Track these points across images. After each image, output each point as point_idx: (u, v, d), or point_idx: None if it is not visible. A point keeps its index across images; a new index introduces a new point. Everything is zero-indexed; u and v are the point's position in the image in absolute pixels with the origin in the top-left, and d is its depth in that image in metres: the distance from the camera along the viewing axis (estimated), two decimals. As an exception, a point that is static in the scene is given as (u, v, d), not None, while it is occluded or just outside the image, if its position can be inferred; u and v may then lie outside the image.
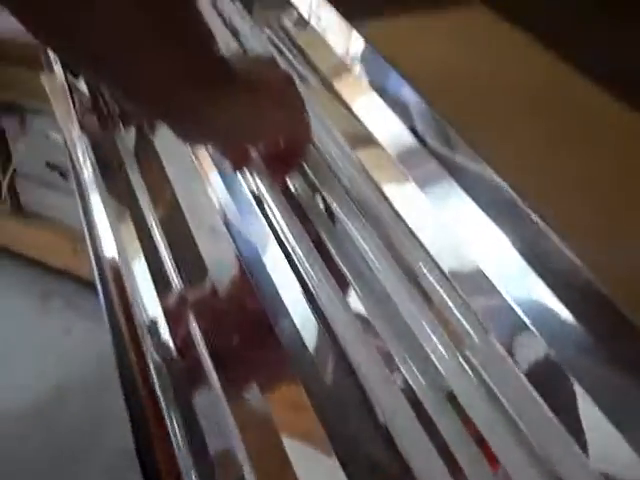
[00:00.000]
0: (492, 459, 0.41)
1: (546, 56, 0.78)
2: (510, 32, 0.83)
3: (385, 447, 0.44)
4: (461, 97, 0.73)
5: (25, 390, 1.61)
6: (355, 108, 0.68)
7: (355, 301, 0.52)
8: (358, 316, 0.50)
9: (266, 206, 0.59)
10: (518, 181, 0.52)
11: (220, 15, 0.83)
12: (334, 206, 0.59)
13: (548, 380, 0.43)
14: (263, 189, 0.58)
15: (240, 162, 0.59)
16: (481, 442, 0.42)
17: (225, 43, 0.77)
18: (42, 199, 1.87)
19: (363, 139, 0.65)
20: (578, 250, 0.46)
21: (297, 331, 0.53)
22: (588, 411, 0.40)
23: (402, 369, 0.46)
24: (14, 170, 1.84)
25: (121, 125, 0.79)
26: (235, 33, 0.81)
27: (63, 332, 1.77)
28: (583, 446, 0.39)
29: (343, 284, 0.53)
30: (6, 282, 1.89)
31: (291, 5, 0.84)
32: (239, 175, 0.62)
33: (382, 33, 0.82)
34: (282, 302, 0.55)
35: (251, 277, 0.57)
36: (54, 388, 1.62)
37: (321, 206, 0.60)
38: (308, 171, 0.62)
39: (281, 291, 0.55)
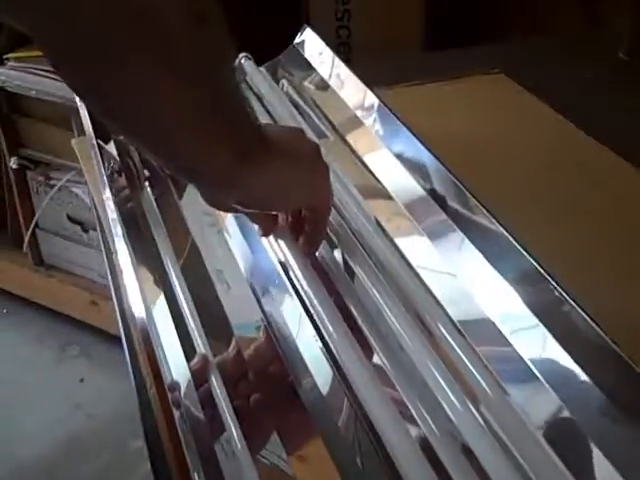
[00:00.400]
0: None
1: (564, 124, 0.80)
2: (530, 101, 0.86)
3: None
4: (473, 157, 0.75)
5: (39, 440, 1.61)
6: (371, 165, 0.70)
7: (374, 357, 0.53)
8: (376, 371, 0.51)
9: (287, 264, 0.60)
10: (529, 240, 0.54)
11: (244, 80, 0.86)
12: (351, 261, 0.60)
13: (560, 434, 0.44)
14: (285, 249, 0.60)
15: (269, 228, 0.60)
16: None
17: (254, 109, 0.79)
18: (62, 252, 1.89)
19: (377, 193, 0.67)
20: (587, 305, 0.47)
21: (317, 387, 0.54)
22: (601, 465, 0.41)
23: (418, 421, 0.47)
24: (36, 223, 1.88)
25: (148, 186, 0.81)
26: (260, 97, 0.84)
27: (78, 381, 1.79)
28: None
29: (362, 340, 0.53)
30: (25, 332, 1.91)
31: (312, 69, 0.86)
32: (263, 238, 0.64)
33: (403, 97, 0.84)
34: (303, 361, 0.56)
35: (275, 338, 0.59)
36: (68, 438, 1.63)
37: (339, 260, 0.61)
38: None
39: (302, 350, 0.57)
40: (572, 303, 0.48)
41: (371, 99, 0.76)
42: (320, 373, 0.55)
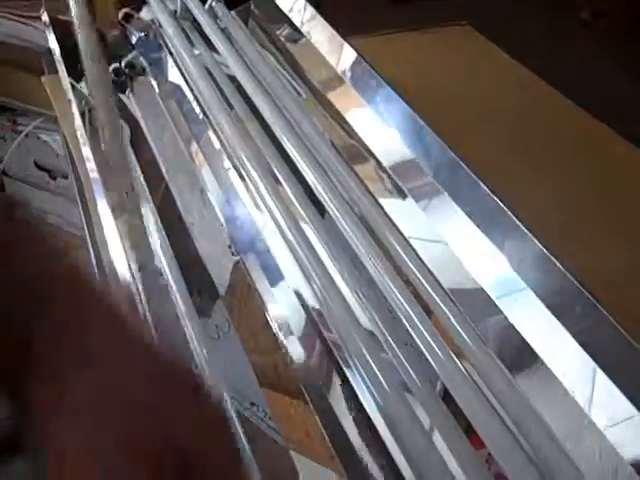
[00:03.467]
0: (478, 443, 0.44)
1: (527, 75, 0.81)
2: (496, 53, 0.87)
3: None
4: (446, 107, 0.75)
5: None
6: (352, 122, 0.69)
7: (359, 312, 0.53)
8: (362, 326, 0.52)
9: (263, 208, 0.61)
10: (504, 191, 0.54)
11: (219, 27, 0.85)
12: (333, 213, 0.60)
13: (538, 383, 0.45)
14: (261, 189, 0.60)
15: None
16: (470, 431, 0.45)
17: (226, 54, 0.79)
18: (30, 199, 1.87)
19: (358, 151, 0.67)
20: (568, 260, 0.48)
21: (303, 345, 0.55)
22: (571, 407, 0.43)
23: (401, 373, 0.49)
24: (3, 170, 1.85)
25: (120, 125, 0.80)
26: (232, 42, 0.83)
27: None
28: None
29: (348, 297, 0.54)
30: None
31: (284, 17, 0.86)
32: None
33: (374, 48, 0.84)
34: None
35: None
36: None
37: (319, 214, 0.62)
38: (309, 182, 0.63)
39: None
40: (560, 266, 0.48)
41: (347, 50, 0.75)
42: (299, 324, 0.56)
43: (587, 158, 0.71)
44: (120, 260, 0.67)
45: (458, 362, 0.47)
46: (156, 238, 0.66)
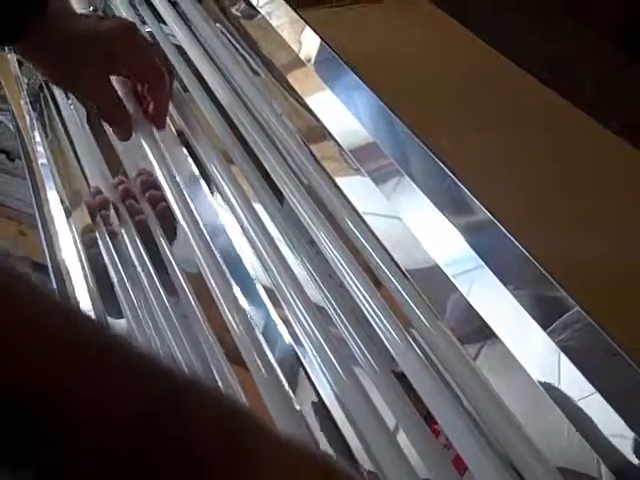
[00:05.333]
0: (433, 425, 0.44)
1: (484, 48, 0.81)
2: (459, 31, 0.86)
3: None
4: (406, 83, 0.74)
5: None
6: (309, 103, 0.68)
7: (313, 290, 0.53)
8: (314, 304, 0.51)
9: (216, 192, 0.60)
10: (463, 171, 0.53)
11: (172, 4, 0.83)
12: (289, 198, 0.59)
13: (495, 361, 0.45)
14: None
15: (125, 131, 0.62)
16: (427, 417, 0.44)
17: (178, 32, 0.78)
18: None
19: (317, 134, 0.65)
20: (526, 238, 0.48)
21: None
22: (528, 386, 0.42)
23: (355, 351, 0.48)
24: (-42, 152, 1.82)
25: (72, 107, 0.79)
26: (185, 18, 0.82)
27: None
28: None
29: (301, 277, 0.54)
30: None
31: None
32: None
33: (328, 20, 0.83)
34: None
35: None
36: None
37: (276, 199, 0.61)
38: (265, 165, 0.63)
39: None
40: (517, 244, 0.47)
41: (303, 27, 0.74)
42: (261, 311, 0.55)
43: (546, 133, 0.70)
44: (70, 248, 0.65)
45: (411, 340, 0.47)
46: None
